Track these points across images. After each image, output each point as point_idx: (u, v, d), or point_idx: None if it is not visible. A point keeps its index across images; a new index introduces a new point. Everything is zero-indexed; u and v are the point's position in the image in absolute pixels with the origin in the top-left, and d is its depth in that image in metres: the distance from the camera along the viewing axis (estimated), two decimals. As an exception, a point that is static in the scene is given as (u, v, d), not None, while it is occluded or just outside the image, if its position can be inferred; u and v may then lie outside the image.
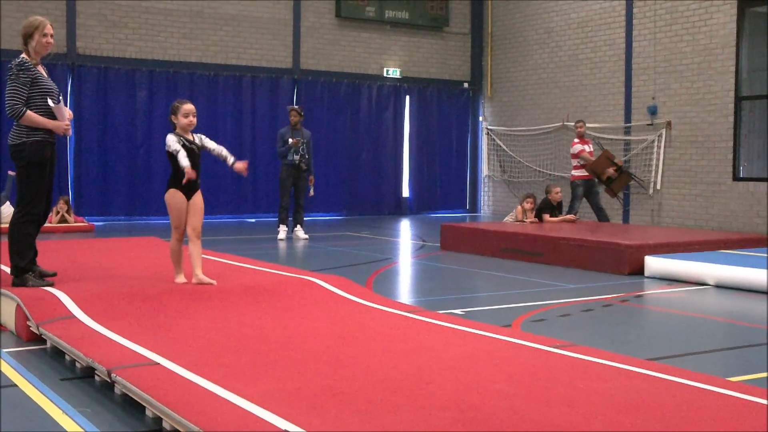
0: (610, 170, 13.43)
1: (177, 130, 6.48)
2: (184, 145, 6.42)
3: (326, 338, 4.94)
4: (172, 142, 6.39)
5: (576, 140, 13.75)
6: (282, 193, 13.36)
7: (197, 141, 6.60)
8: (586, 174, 13.49)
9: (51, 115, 6.22)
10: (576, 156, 13.58)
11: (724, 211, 14.95)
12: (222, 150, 6.74)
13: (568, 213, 13.31)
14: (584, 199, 13.67)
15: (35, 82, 6.16)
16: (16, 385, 4.50)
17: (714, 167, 15.15)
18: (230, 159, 6.71)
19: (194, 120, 6.52)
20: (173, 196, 6.48)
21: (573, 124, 15.00)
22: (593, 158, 13.61)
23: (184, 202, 6.48)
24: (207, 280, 6.45)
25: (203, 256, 6.58)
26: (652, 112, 16.20)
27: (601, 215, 13.59)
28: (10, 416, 3.97)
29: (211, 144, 6.69)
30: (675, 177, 15.89)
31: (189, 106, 6.52)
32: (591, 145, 13.92)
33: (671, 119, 15.87)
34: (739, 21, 14.74)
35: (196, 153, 6.53)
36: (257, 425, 3.26)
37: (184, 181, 6.35)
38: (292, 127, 13.14)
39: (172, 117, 6.52)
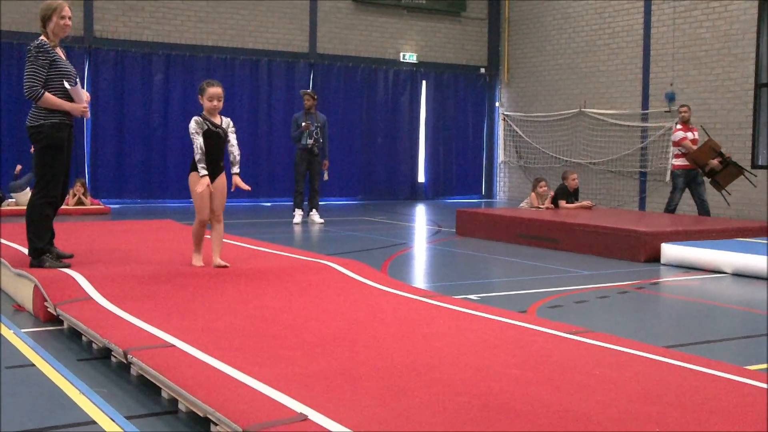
0: (714, 162, 12.27)
1: (204, 113, 6.48)
2: (207, 130, 6.39)
3: (341, 322, 4.94)
4: (193, 127, 6.39)
5: (678, 126, 12.67)
6: (297, 178, 13.37)
7: (224, 125, 6.56)
8: (688, 164, 12.41)
9: (69, 97, 6.24)
10: (677, 144, 12.54)
11: (743, 199, 14.83)
12: (236, 154, 6.65)
13: (668, 206, 12.64)
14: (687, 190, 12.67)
15: (53, 64, 6.18)
16: (34, 365, 4.53)
17: (732, 154, 15.00)
18: (235, 168, 6.63)
19: (219, 104, 6.46)
20: (194, 178, 6.43)
21: (675, 108, 13.30)
22: (696, 147, 12.45)
23: (207, 184, 6.41)
24: (223, 263, 6.47)
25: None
26: (670, 98, 16.10)
27: (703, 208, 12.55)
28: (28, 395, 4.00)
29: (232, 139, 6.63)
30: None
31: (215, 90, 6.44)
32: (696, 133, 12.67)
33: (689, 106, 15.74)
34: (761, 7, 14.61)
35: (220, 136, 6.50)
36: (272, 407, 3.26)
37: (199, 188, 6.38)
38: (306, 112, 13.13)
39: (199, 97, 6.51)
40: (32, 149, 6.73)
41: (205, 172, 6.31)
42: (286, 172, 16.78)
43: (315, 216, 13.35)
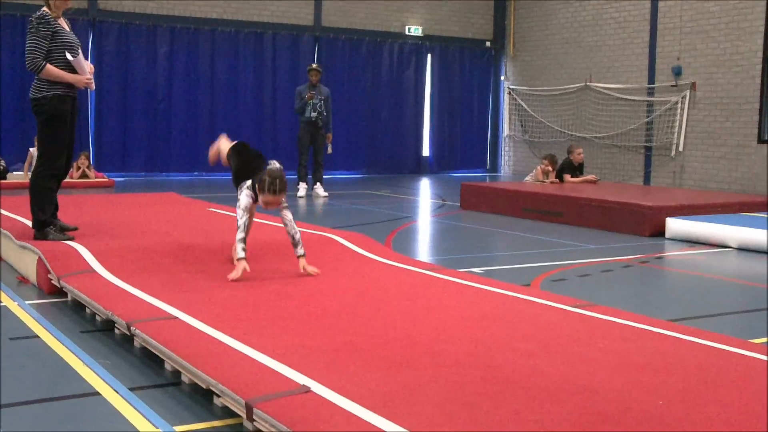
0: None
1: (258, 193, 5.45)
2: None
3: (345, 295, 4.94)
4: (243, 205, 5.48)
5: None
6: (300, 151, 13.37)
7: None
8: None
9: (72, 69, 6.20)
10: None
11: (748, 173, 14.80)
12: (294, 235, 5.60)
13: None
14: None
15: (55, 35, 6.13)
16: (38, 337, 4.54)
17: (739, 129, 14.98)
18: (299, 250, 5.61)
19: (274, 207, 5.54)
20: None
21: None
22: None
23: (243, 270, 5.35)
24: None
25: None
26: (677, 72, 16.00)
27: None
28: (32, 366, 4.01)
29: (285, 218, 5.61)
30: (698, 139, 15.73)
31: (273, 198, 5.41)
32: None
33: (696, 80, 15.68)
34: (769, -20, 14.47)
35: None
36: (275, 380, 3.26)
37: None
38: (311, 85, 13.12)
39: (257, 186, 5.46)
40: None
41: (243, 255, 5.32)
42: (290, 145, 16.72)
43: (319, 189, 13.35)
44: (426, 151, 19.99)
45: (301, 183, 13.34)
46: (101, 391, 3.64)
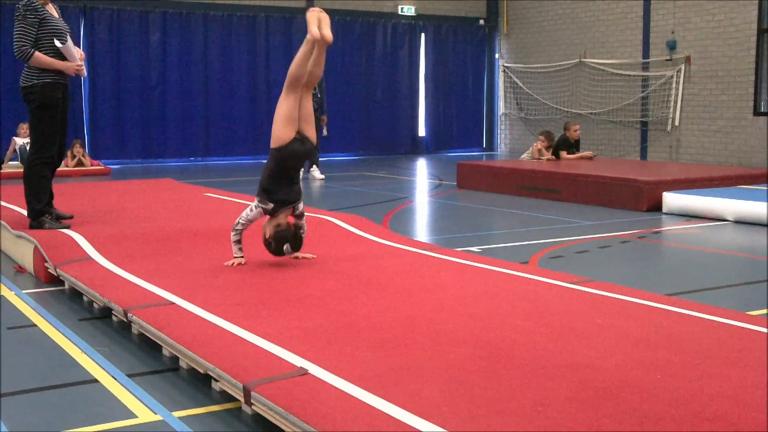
0: None
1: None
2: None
3: (342, 276, 4.93)
4: (246, 216, 5.19)
5: None
6: (296, 134, 13.31)
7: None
8: None
9: (62, 56, 6.15)
10: None
11: (744, 146, 14.78)
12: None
13: None
14: None
15: (44, 22, 6.09)
16: (35, 325, 4.54)
17: (734, 102, 14.94)
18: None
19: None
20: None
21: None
22: None
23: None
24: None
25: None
26: (671, 46, 15.94)
27: None
28: (30, 355, 4.01)
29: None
30: (694, 113, 15.70)
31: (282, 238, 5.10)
32: None
33: (691, 54, 15.62)
34: (762, -49, 14.40)
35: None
36: (272, 363, 3.26)
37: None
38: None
39: (264, 209, 5.14)
40: None
41: (240, 255, 5.20)
42: (286, 128, 16.64)
43: (315, 172, 13.32)
44: (422, 131, 19.94)
45: (297, 166, 13.31)
46: (100, 378, 3.64)
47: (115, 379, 3.62)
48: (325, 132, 13.63)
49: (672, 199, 8.94)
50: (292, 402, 2.84)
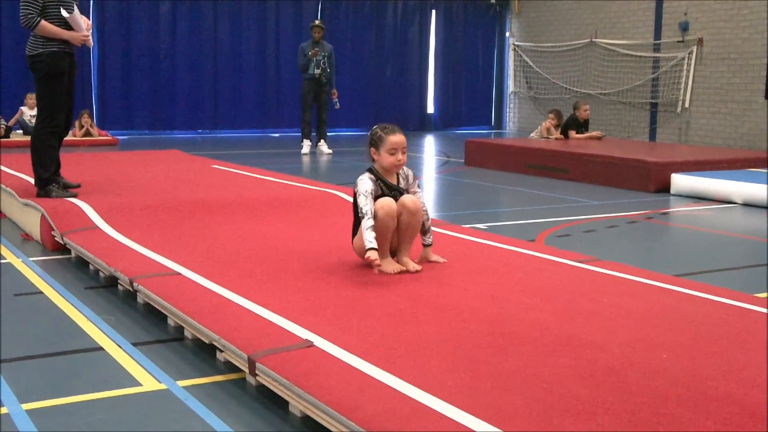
0: None
1: (375, 167, 4.48)
2: (381, 195, 4.41)
3: (349, 251, 4.91)
4: (363, 189, 4.36)
5: None
6: (304, 108, 13.31)
7: (402, 183, 4.56)
8: None
9: (69, 25, 6.13)
10: None
11: (754, 129, 14.70)
12: (425, 222, 4.66)
13: None
14: None
15: (50, -9, 6.06)
16: (42, 293, 4.54)
17: (746, 85, 14.84)
18: (427, 238, 4.66)
19: (403, 158, 4.41)
20: (361, 249, 4.37)
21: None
22: None
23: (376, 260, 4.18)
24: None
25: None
26: (684, 28, 15.82)
27: None
28: (36, 322, 4.02)
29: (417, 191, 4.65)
30: (705, 95, 15.60)
31: (398, 138, 4.37)
32: None
33: (703, 36, 15.51)
34: (778, -68, 14.25)
35: (396, 199, 4.45)
36: (278, 334, 3.26)
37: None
38: (315, 42, 13.02)
39: (371, 150, 4.47)
40: None
41: (374, 245, 4.15)
42: (294, 102, 16.62)
43: (323, 146, 13.31)
44: (431, 108, 19.88)
45: (305, 140, 13.31)
46: (105, 346, 3.65)
47: (120, 347, 3.63)
48: (337, 105, 13.63)
49: (680, 181, 8.91)
50: (297, 374, 2.85)
